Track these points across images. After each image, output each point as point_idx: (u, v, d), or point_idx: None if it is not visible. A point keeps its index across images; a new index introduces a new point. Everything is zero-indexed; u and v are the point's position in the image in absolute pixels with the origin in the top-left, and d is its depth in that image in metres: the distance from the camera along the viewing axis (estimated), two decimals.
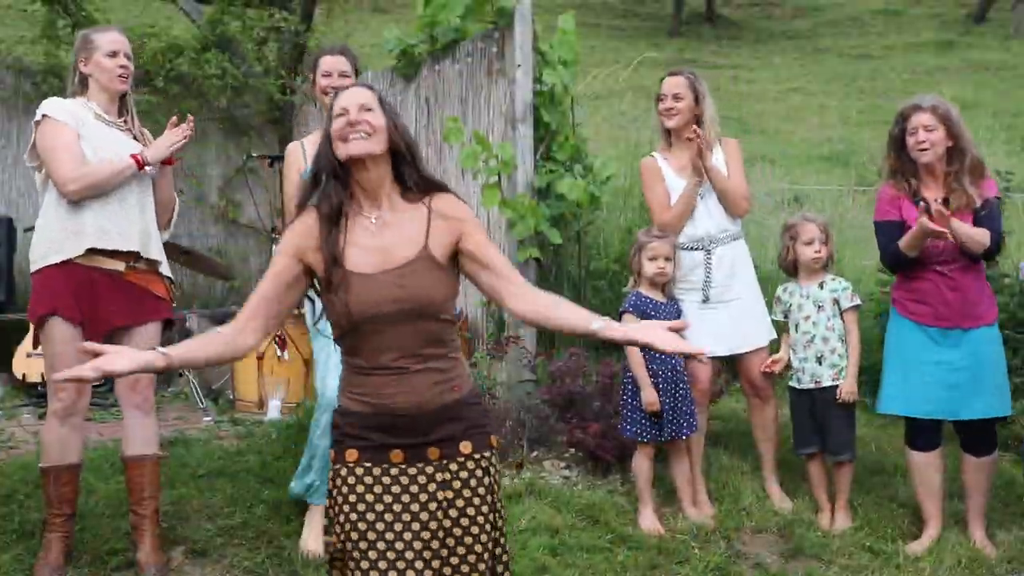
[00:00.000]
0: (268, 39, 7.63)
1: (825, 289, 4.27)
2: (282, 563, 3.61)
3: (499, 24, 5.34)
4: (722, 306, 4.32)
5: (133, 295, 3.50)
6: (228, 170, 7.68)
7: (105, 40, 3.52)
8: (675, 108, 4.34)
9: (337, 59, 3.84)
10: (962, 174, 3.92)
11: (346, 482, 2.29)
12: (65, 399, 3.42)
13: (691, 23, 26.30)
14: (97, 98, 3.55)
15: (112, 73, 3.50)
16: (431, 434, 2.30)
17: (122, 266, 3.47)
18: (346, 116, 2.29)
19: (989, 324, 3.99)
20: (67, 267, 3.40)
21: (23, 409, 5.53)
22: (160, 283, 3.60)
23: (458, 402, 2.33)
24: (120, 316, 3.48)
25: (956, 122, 3.93)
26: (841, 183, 10.14)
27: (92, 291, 3.42)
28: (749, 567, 3.87)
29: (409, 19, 8.14)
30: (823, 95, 17.45)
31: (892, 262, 4.05)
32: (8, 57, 7.10)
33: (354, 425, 2.30)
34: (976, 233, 3.83)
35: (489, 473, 2.36)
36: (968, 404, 3.92)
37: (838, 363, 4.21)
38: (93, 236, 3.40)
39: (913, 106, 3.99)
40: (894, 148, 4.06)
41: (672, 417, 4.10)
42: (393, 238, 2.31)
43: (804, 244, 4.28)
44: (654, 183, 4.41)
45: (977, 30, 24.59)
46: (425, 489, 2.29)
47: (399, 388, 2.27)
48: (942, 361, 3.93)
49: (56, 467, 3.44)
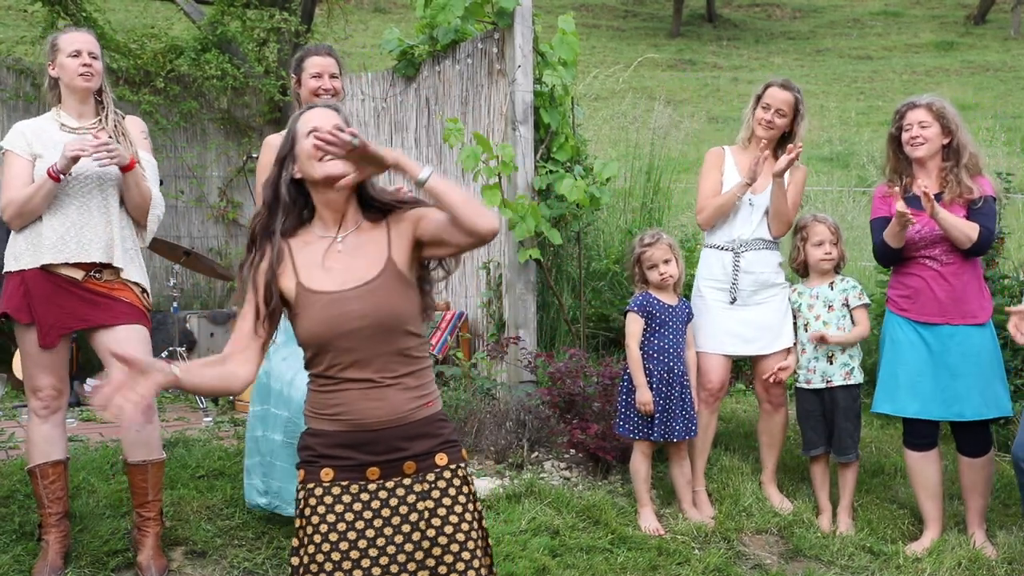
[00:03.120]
0: (268, 40, 7.63)
1: (835, 289, 4.28)
2: (282, 564, 3.61)
3: (499, 25, 5.34)
4: (746, 309, 4.31)
5: (95, 301, 3.44)
6: (228, 171, 7.68)
7: (66, 41, 3.49)
8: (774, 123, 4.30)
9: (327, 60, 3.77)
10: (958, 170, 3.94)
11: (322, 502, 2.24)
12: (45, 398, 3.45)
13: (691, 23, 26.31)
14: (67, 102, 3.52)
15: (74, 72, 3.46)
16: (406, 449, 2.27)
17: (80, 274, 3.43)
18: None
19: (982, 324, 3.99)
20: (25, 275, 3.41)
21: (23, 409, 5.53)
22: (128, 291, 3.51)
23: (431, 418, 2.31)
24: (79, 319, 3.43)
25: (952, 119, 3.96)
26: (841, 184, 10.14)
27: (48, 293, 3.40)
28: (749, 568, 3.87)
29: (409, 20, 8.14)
30: (823, 96, 17.45)
31: (881, 255, 4.08)
32: (8, 57, 7.10)
33: (327, 444, 2.26)
34: (962, 223, 3.84)
35: (467, 483, 2.33)
36: (961, 405, 3.92)
37: (848, 362, 4.22)
38: (50, 251, 3.38)
39: (909, 104, 4.04)
40: (892, 147, 4.09)
41: (664, 418, 4.11)
42: (358, 256, 2.29)
43: (814, 246, 4.29)
44: (711, 170, 4.40)
45: (977, 31, 24.60)
46: (404, 501, 2.25)
47: (373, 402, 2.23)
48: (932, 360, 3.94)
49: (41, 465, 3.44)
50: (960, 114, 4.05)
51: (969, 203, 3.90)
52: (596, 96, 9.79)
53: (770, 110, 4.31)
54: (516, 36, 5.23)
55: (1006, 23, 24.47)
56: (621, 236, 6.55)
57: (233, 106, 7.68)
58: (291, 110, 7.58)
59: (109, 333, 3.44)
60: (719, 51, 23.01)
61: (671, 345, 4.13)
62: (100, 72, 3.53)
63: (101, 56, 3.56)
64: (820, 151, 13.21)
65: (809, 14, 27.52)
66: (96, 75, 3.50)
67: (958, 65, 20.55)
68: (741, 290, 4.29)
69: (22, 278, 3.42)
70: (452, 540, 2.26)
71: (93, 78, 3.49)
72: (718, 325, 4.30)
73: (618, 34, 24.28)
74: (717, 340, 4.30)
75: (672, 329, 4.14)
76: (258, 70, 7.44)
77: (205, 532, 3.73)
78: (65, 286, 3.42)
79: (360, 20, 11.85)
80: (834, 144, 13.50)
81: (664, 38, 24.59)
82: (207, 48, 7.29)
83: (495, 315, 5.55)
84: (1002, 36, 23.70)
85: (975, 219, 3.89)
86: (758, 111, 4.34)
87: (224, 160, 7.67)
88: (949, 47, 22.81)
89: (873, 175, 9.70)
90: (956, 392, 3.91)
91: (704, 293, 4.34)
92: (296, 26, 7.37)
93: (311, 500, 2.25)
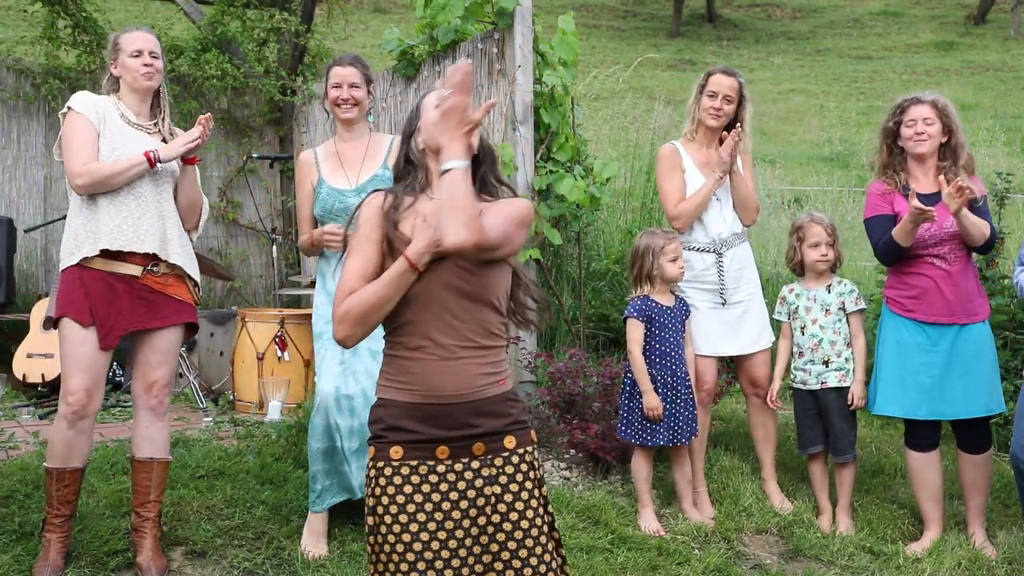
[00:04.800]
0: (268, 40, 7.63)
1: (832, 292, 4.27)
2: (282, 564, 3.61)
3: (499, 25, 5.34)
4: (730, 307, 4.32)
5: (150, 300, 3.47)
6: (228, 171, 7.68)
7: (128, 40, 3.55)
8: (723, 111, 4.30)
9: (347, 70, 3.83)
10: (957, 170, 3.95)
11: (391, 482, 2.27)
12: (74, 403, 3.37)
13: (691, 23, 26.32)
14: (128, 99, 3.57)
15: (136, 72, 3.51)
16: (475, 427, 2.30)
17: (138, 271, 3.45)
18: None
19: (983, 321, 4.01)
20: (84, 270, 3.41)
21: (23, 409, 5.53)
22: (182, 286, 3.56)
23: (502, 396, 2.35)
24: (136, 321, 3.45)
25: (953, 118, 3.97)
26: (841, 184, 10.15)
27: (107, 295, 3.40)
28: (749, 568, 3.87)
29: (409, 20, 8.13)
30: (823, 96, 17.47)
31: (886, 253, 4.02)
32: (8, 58, 7.10)
33: (397, 416, 2.30)
34: (980, 221, 3.86)
35: (534, 467, 2.37)
36: (963, 402, 3.93)
37: (844, 366, 4.22)
38: (107, 236, 3.39)
39: (913, 99, 4.02)
40: (886, 141, 4.06)
41: (671, 423, 4.10)
42: None
43: (810, 247, 4.28)
44: (671, 172, 4.36)
45: (977, 31, 24.60)
46: (472, 485, 2.29)
47: (447, 374, 2.28)
48: (936, 360, 3.94)
49: (59, 469, 3.43)
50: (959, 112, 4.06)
51: (970, 203, 3.89)
52: (596, 96, 9.79)
53: (717, 97, 4.29)
54: (516, 36, 5.23)
55: (1006, 23, 24.48)
56: (621, 236, 6.56)
57: (233, 106, 7.68)
58: (292, 111, 7.59)
59: (151, 333, 3.49)
60: (719, 51, 23.00)
61: (672, 349, 4.12)
62: (161, 71, 3.59)
63: (162, 55, 3.61)
64: (820, 151, 13.23)
65: (809, 14, 27.53)
66: (157, 73, 3.56)
67: (958, 65, 20.56)
68: (727, 289, 4.30)
69: (81, 279, 3.40)
70: (516, 527, 2.31)
71: (154, 77, 3.55)
72: (708, 326, 4.29)
73: (618, 34, 24.29)
74: (710, 342, 4.30)
75: (672, 331, 4.13)
76: (258, 70, 7.44)
77: (205, 532, 3.73)
78: (123, 286, 3.43)
79: (360, 20, 11.84)
80: (834, 144, 13.51)
81: (664, 38, 24.60)
82: (207, 48, 7.29)
83: None
84: (1002, 36, 23.71)
85: (980, 217, 3.90)
86: (704, 100, 4.32)
87: (224, 160, 7.67)
88: (949, 47, 22.81)
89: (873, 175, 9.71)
90: (965, 390, 3.92)
91: (689, 294, 4.31)
92: (296, 26, 7.36)
93: (381, 480, 2.29)
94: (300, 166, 3.95)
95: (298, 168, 3.97)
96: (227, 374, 5.91)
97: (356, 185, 3.80)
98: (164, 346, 3.52)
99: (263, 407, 5.49)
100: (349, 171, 3.85)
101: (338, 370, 3.69)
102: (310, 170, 3.89)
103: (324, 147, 3.96)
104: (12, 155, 6.99)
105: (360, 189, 3.78)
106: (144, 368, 3.52)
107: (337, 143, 3.93)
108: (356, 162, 3.86)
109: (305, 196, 3.90)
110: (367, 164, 3.85)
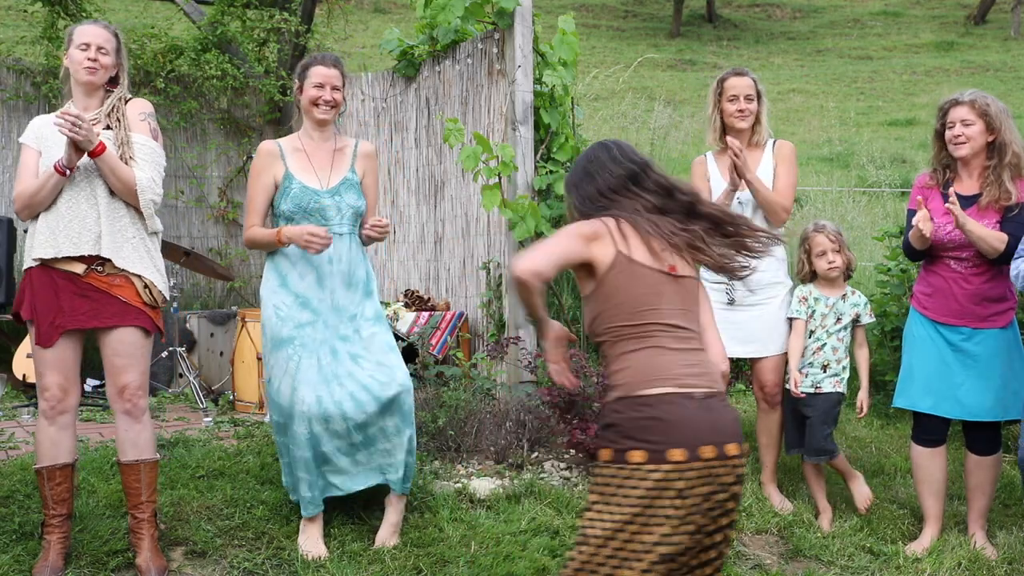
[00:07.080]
0: (268, 40, 7.63)
1: (847, 302, 4.31)
2: (282, 564, 3.61)
3: (499, 25, 5.34)
4: (745, 309, 4.32)
5: (93, 299, 3.43)
6: (228, 171, 7.69)
7: (79, 33, 3.49)
8: (747, 110, 4.31)
9: (331, 72, 3.77)
10: (1000, 169, 3.84)
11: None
12: (50, 398, 3.42)
13: (691, 23, 26.30)
14: (75, 94, 3.53)
15: (79, 65, 3.45)
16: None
17: (81, 268, 3.43)
18: None
19: (1003, 327, 3.93)
20: (32, 271, 3.46)
21: (23, 409, 5.53)
22: (129, 287, 3.46)
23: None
24: (76, 319, 3.42)
25: (996, 116, 3.85)
26: (841, 184, 10.14)
27: (50, 292, 3.43)
28: (749, 568, 3.86)
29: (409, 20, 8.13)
30: (823, 96, 17.45)
31: (905, 250, 4.10)
32: (8, 58, 7.10)
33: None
34: (990, 235, 3.77)
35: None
36: (974, 404, 3.91)
37: (840, 373, 4.27)
38: (41, 247, 3.42)
39: (952, 100, 3.95)
40: (938, 143, 4.01)
41: None
42: None
43: (817, 256, 4.31)
44: (699, 181, 4.40)
45: (977, 31, 24.60)
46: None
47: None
48: (947, 358, 3.93)
49: (48, 467, 3.44)
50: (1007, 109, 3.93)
51: (1004, 209, 3.81)
52: (596, 96, 9.80)
53: (738, 99, 4.31)
54: (516, 36, 5.23)
55: (1006, 23, 24.47)
56: None
57: (233, 106, 7.68)
58: (291, 111, 7.59)
59: (106, 336, 3.45)
60: (719, 51, 23.00)
61: None
62: (108, 67, 3.50)
63: (117, 51, 3.54)
64: (820, 151, 13.21)
65: (809, 14, 27.52)
66: (101, 69, 3.48)
67: (958, 65, 20.55)
68: (739, 290, 4.29)
69: (30, 279, 3.47)
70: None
71: (96, 72, 3.47)
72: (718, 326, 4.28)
73: (618, 34, 24.29)
74: None
75: None
76: (258, 70, 7.44)
77: (205, 532, 3.73)
78: (65, 283, 3.42)
79: (360, 20, 11.85)
80: (834, 144, 13.50)
81: (664, 38, 24.59)
82: (207, 48, 7.29)
83: (495, 315, 5.55)
84: (1002, 36, 23.70)
85: (1007, 227, 3.80)
86: (727, 106, 4.33)
87: (224, 160, 7.67)
88: (949, 47, 22.80)
89: (873, 175, 9.70)
90: (970, 391, 3.90)
91: None
92: (296, 26, 7.37)
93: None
94: (262, 155, 3.79)
95: (259, 157, 3.80)
96: (227, 374, 5.91)
97: (328, 187, 3.76)
98: (124, 349, 3.44)
99: (263, 407, 5.49)
100: (319, 171, 3.79)
101: (317, 378, 3.67)
102: (273, 162, 3.77)
103: (288, 141, 3.85)
104: (12, 155, 6.99)
105: (332, 191, 3.74)
106: (112, 372, 3.48)
107: (303, 140, 3.83)
108: (325, 163, 3.81)
109: (262, 187, 3.76)
110: (337, 167, 3.82)
